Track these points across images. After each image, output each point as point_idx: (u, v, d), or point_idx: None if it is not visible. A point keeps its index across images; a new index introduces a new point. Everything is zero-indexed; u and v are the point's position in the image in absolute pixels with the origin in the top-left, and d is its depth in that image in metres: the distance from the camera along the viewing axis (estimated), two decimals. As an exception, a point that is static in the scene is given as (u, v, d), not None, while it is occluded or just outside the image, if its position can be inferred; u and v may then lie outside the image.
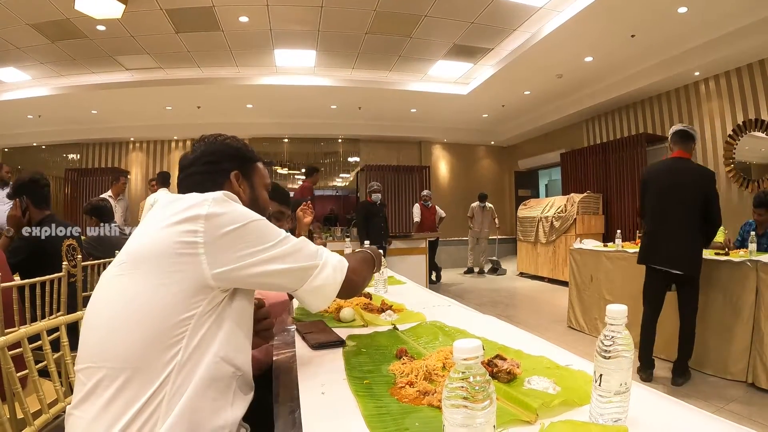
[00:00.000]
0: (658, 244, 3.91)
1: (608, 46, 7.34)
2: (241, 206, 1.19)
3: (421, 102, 10.61)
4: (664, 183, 3.91)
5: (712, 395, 3.60)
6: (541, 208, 10.05)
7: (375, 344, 1.60)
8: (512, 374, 1.16)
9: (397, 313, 2.05)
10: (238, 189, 1.36)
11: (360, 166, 12.73)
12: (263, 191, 1.48)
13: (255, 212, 1.19)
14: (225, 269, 1.08)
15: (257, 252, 1.13)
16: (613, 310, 0.88)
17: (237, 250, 1.10)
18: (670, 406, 1.05)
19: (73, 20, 6.41)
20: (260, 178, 1.48)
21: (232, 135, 1.47)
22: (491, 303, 7.47)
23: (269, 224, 1.21)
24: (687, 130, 3.92)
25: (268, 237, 1.17)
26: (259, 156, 1.51)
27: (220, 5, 6.36)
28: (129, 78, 8.87)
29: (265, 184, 1.50)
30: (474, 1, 6.35)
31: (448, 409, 0.72)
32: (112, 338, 1.03)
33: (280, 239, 1.19)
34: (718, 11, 6.04)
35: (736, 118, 7.13)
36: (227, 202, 1.15)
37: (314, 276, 1.25)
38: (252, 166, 1.46)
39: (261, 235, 1.16)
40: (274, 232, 1.20)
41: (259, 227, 1.16)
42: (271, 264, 1.16)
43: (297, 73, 9.09)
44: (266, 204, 1.48)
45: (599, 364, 0.89)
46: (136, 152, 12.04)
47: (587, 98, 9.70)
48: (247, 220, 1.14)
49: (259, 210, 1.29)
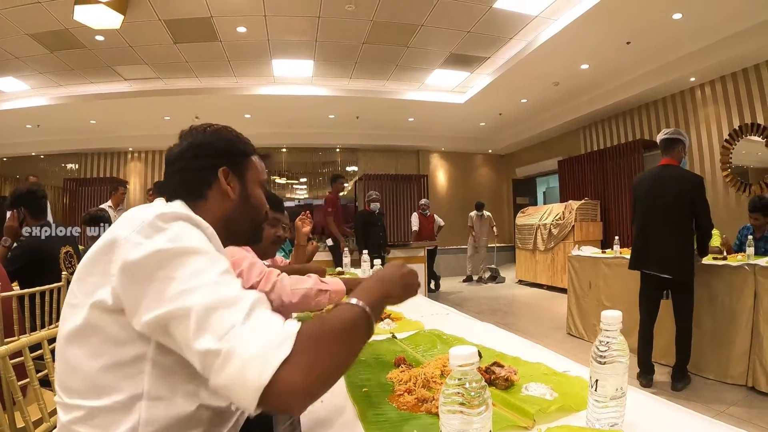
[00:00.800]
0: (648, 250, 3.94)
1: (604, 54, 7.38)
2: (167, 236, 0.92)
3: (418, 111, 10.63)
4: (651, 191, 3.95)
5: (713, 399, 3.60)
6: (539, 215, 10.06)
7: (373, 352, 1.60)
8: (510, 381, 1.17)
9: (396, 321, 2.05)
10: (226, 188, 1.21)
11: (358, 175, 12.71)
12: (257, 189, 1.31)
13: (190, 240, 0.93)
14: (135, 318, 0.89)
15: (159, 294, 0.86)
16: (608, 315, 0.89)
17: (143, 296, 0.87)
18: (667, 411, 1.06)
19: (72, 30, 6.44)
20: (254, 173, 1.31)
21: (225, 125, 1.31)
22: (490, 311, 7.47)
23: (189, 266, 0.88)
24: (670, 136, 3.95)
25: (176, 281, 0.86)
26: (253, 148, 1.34)
27: (219, 16, 6.39)
28: (128, 88, 8.90)
29: (260, 180, 1.33)
30: (470, 10, 6.38)
31: (444, 414, 0.73)
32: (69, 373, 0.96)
33: (185, 289, 0.85)
34: (712, 17, 6.08)
35: (732, 123, 7.16)
36: (153, 230, 0.92)
37: (215, 370, 0.79)
38: (245, 160, 1.29)
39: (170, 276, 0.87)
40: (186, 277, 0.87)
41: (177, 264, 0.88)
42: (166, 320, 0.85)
43: (295, 83, 9.11)
44: (260, 202, 1.31)
45: (595, 370, 0.90)
46: (135, 162, 12.04)
47: (584, 105, 9.73)
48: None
49: (251, 210, 1.26)
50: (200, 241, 0.95)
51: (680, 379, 3.82)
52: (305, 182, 13.27)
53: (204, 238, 0.97)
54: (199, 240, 0.95)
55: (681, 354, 3.84)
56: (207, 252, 0.92)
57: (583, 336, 5.48)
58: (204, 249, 0.92)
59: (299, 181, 13.24)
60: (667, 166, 3.94)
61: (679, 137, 3.94)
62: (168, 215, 0.95)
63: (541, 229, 9.70)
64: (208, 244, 0.96)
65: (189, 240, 0.93)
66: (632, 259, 4.10)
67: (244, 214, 1.26)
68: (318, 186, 13.22)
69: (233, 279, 0.91)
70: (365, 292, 1.03)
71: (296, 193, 13.22)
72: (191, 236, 0.94)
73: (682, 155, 3.97)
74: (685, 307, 3.83)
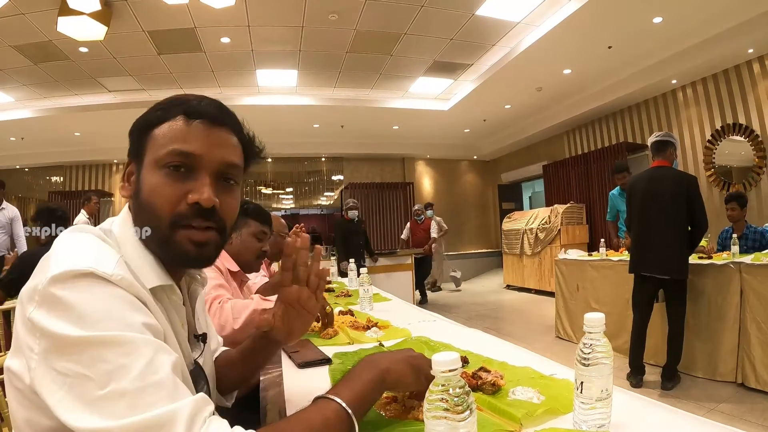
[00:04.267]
0: (645, 253, 3.98)
1: (586, 58, 7.46)
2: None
3: (403, 119, 10.67)
4: (645, 192, 3.98)
5: (703, 397, 3.64)
6: (525, 220, 10.11)
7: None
8: (496, 386, 1.17)
9: (383, 329, 2.05)
10: (128, 191, 0.95)
11: (344, 184, 12.73)
12: (151, 172, 0.88)
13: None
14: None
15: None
16: (591, 318, 0.90)
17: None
18: (655, 410, 1.06)
19: (55, 42, 6.39)
20: (153, 150, 0.89)
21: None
22: (478, 317, 7.49)
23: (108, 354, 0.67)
24: (662, 138, 4.00)
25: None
26: (167, 111, 0.92)
27: (202, 26, 6.38)
28: (111, 100, 8.83)
29: (156, 157, 0.88)
30: (452, 18, 6.42)
31: (429, 420, 0.73)
32: None
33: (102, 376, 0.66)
34: (692, 20, 6.18)
35: (714, 123, 7.28)
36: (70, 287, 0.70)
37: None
38: (145, 137, 0.91)
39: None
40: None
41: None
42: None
43: (279, 92, 9.11)
44: (152, 192, 0.88)
45: (580, 372, 0.90)
46: (120, 174, 11.89)
47: (567, 110, 9.82)
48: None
49: (141, 209, 0.90)
50: (113, 312, 0.71)
51: (670, 378, 3.85)
52: (291, 192, 13.26)
53: (117, 296, 0.73)
54: (111, 308, 0.71)
55: (672, 354, 3.87)
56: (122, 332, 0.69)
57: (572, 338, 5.51)
58: (120, 328, 0.69)
59: (285, 191, 13.22)
60: (660, 167, 3.98)
61: (670, 139, 4.00)
62: (66, 275, 0.70)
63: (528, 233, 9.74)
64: (123, 304, 0.73)
65: (99, 315, 0.69)
66: (631, 264, 4.13)
67: (139, 219, 0.91)
68: (304, 195, 13.20)
69: (161, 365, 0.70)
70: (347, 380, 0.88)
71: (282, 203, 13.20)
72: (100, 306, 0.70)
73: (673, 157, 4.02)
74: (679, 308, 3.88)
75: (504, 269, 10.89)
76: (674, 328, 3.88)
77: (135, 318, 0.73)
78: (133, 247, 0.88)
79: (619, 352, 4.18)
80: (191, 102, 0.93)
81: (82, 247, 0.78)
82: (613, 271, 4.95)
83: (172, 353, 0.75)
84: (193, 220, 0.87)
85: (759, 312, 3.64)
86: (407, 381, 0.97)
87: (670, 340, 3.89)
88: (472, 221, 13.83)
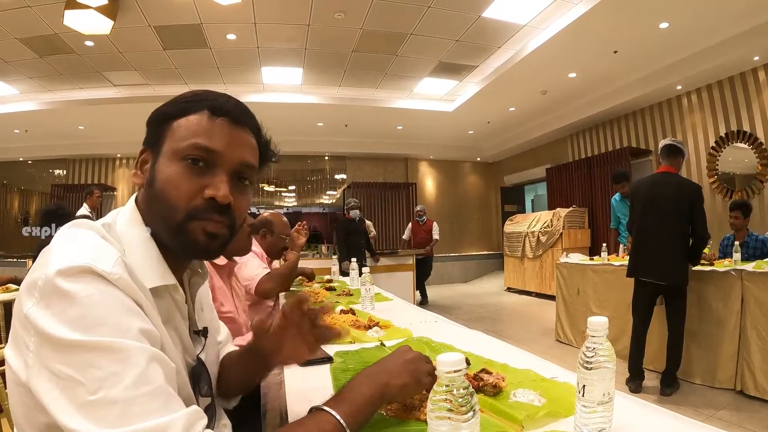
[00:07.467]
0: (644, 257, 3.97)
1: (591, 62, 7.45)
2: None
3: (407, 119, 10.67)
4: (649, 197, 3.97)
5: (701, 404, 3.64)
6: (527, 223, 10.11)
7: (362, 360, 1.60)
8: (498, 387, 1.17)
9: (384, 329, 2.05)
10: (141, 179, 0.93)
11: (347, 183, 12.74)
12: (169, 163, 0.87)
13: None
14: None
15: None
16: (594, 321, 0.90)
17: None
18: (655, 415, 1.06)
19: (61, 35, 6.41)
20: (171, 143, 0.88)
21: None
22: (479, 318, 7.49)
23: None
24: (675, 144, 3.99)
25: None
26: (192, 105, 0.91)
27: (208, 23, 6.39)
28: (116, 94, 8.86)
29: (176, 149, 0.87)
30: (459, 19, 6.42)
31: (432, 421, 0.73)
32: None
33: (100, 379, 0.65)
34: (698, 27, 6.17)
35: (718, 130, 7.25)
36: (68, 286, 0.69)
37: None
38: (164, 129, 0.90)
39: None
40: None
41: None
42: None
43: (284, 90, 9.13)
44: (167, 183, 0.87)
45: (582, 375, 0.90)
46: (123, 169, 11.94)
47: (571, 113, 9.80)
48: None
49: (155, 199, 0.88)
50: (109, 316, 0.70)
51: (669, 384, 3.85)
52: (294, 190, 13.25)
53: (114, 299, 0.72)
54: (107, 312, 0.70)
55: (672, 360, 3.87)
56: (117, 338, 0.68)
57: (572, 342, 5.50)
58: (115, 334, 0.68)
59: (288, 189, 13.22)
60: (666, 173, 3.97)
61: (682, 148, 3.99)
62: (64, 270, 0.70)
63: (530, 236, 9.74)
64: (120, 308, 0.72)
65: (95, 319, 0.68)
66: (629, 268, 4.12)
67: (151, 208, 0.90)
68: (306, 194, 13.20)
69: (154, 375, 0.70)
70: (347, 392, 0.88)
71: (285, 201, 13.20)
72: (97, 309, 0.69)
73: (680, 166, 4.01)
74: (679, 314, 3.88)
75: (505, 271, 10.89)
76: (674, 334, 3.88)
77: (131, 324, 0.72)
78: (137, 243, 0.88)
79: (619, 357, 4.15)
80: (217, 99, 0.95)
81: (81, 243, 0.78)
82: (614, 276, 4.94)
83: (167, 363, 0.74)
84: (208, 214, 0.88)
85: (759, 320, 3.63)
86: (407, 391, 0.98)
87: (670, 345, 3.89)
88: (474, 223, 13.83)
